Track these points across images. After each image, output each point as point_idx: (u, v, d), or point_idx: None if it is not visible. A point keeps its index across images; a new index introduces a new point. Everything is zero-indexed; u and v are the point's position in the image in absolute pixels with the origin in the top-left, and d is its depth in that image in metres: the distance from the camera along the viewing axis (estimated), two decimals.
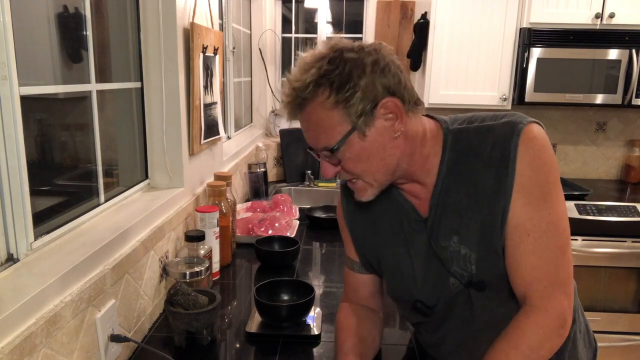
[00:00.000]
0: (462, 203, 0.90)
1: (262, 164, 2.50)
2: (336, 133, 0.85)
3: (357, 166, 0.88)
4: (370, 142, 0.86)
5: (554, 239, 0.86)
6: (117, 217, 1.21)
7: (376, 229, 1.03)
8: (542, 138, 0.86)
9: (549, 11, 2.58)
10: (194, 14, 1.56)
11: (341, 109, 0.83)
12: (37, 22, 1.04)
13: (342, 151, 0.86)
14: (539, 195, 0.85)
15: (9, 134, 0.87)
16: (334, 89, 0.83)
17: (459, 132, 0.92)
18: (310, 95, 0.84)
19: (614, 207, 2.52)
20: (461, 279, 0.93)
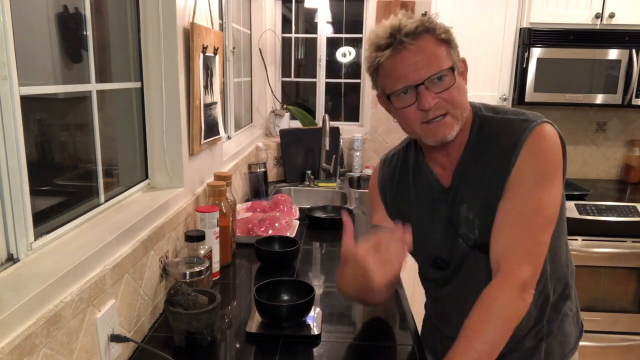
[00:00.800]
0: (474, 178, 1.05)
1: (262, 164, 2.50)
2: (446, 61, 0.99)
3: (458, 96, 1.01)
4: (462, 82, 1.03)
5: (537, 218, 0.97)
6: (117, 217, 1.21)
7: (405, 196, 1.18)
8: (551, 136, 1.00)
9: (549, 11, 2.59)
10: (194, 14, 1.56)
11: (448, 46, 1.01)
12: (37, 22, 1.04)
13: (447, 81, 0.99)
14: (534, 179, 0.98)
15: (9, 134, 0.87)
16: (443, 31, 1.00)
17: (485, 119, 1.07)
18: (430, 26, 0.99)
19: (614, 207, 2.52)
20: (467, 241, 1.07)
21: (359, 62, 3.30)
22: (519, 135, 1.00)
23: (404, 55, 0.98)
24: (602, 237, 2.50)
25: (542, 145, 0.99)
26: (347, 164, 3.18)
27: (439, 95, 0.99)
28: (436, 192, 1.12)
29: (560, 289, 1.14)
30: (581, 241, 2.51)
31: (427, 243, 1.15)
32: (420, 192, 1.15)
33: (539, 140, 0.99)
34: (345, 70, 3.34)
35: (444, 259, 1.14)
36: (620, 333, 2.61)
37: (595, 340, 2.61)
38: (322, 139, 2.81)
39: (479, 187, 1.04)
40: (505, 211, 1.00)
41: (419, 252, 1.18)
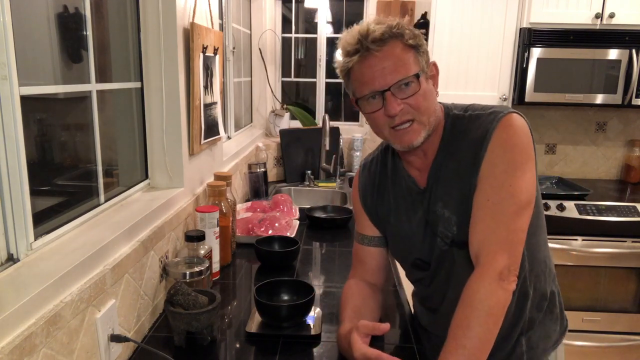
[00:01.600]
0: (448, 175, 1.07)
1: (262, 164, 2.50)
2: (413, 67, 1.00)
3: (424, 102, 1.02)
4: (429, 87, 1.04)
5: (509, 206, 0.98)
6: (117, 217, 1.21)
7: (384, 199, 1.20)
8: (518, 125, 1.01)
9: (549, 11, 2.59)
10: (194, 14, 1.56)
11: (416, 52, 1.01)
12: (37, 22, 1.04)
13: (412, 87, 1.00)
14: (503, 169, 0.99)
15: (9, 134, 0.87)
16: (411, 37, 1.00)
17: (456, 118, 1.08)
18: (398, 32, 0.99)
19: (614, 207, 2.52)
20: (445, 239, 1.09)
21: None
22: (486, 127, 1.02)
23: (370, 61, 1.00)
24: (602, 237, 2.50)
25: (509, 135, 1.00)
26: (347, 164, 3.18)
27: (405, 101, 1.00)
28: (414, 194, 1.14)
29: (540, 286, 1.14)
30: (581, 241, 2.51)
31: (407, 245, 1.18)
32: (398, 195, 1.17)
33: (506, 130, 1.00)
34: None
35: (423, 260, 1.16)
36: (620, 333, 2.61)
37: (595, 340, 2.61)
38: (322, 139, 2.81)
39: (453, 184, 1.06)
40: (479, 204, 1.01)
41: (400, 254, 1.23)
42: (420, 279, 1.23)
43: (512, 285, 0.97)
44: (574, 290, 2.57)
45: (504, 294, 0.96)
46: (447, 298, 1.14)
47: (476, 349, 0.91)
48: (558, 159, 3.13)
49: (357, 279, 1.26)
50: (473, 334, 0.91)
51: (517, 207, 0.99)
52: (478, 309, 0.93)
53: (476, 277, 0.97)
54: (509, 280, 0.96)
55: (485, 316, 0.93)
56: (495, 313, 0.94)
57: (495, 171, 1.00)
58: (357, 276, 1.27)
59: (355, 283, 1.25)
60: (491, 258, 0.97)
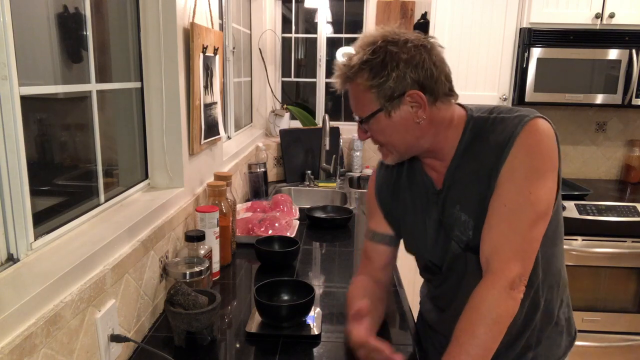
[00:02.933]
0: (467, 178, 1.05)
1: (262, 164, 2.50)
2: (367, 109, 1.03)
3: (381, 137, 1.06)
4: (394, 121, 1.02)
5: (527, 214, 0.96)
6: (117, 217, 1.21)
7: (400, 199, 1.20)
8: (544, 131, 0.97)
9: (549, 11, 2.59)
10: (194, 14, 1.56)
11: (374, 92, 1.00)
12: (37, 22, 1.04)
13: (370, 124, 1.04)
14: (524, 176, 0.96)
15: (9, 134, 0.87)
16: (371, 74, 0.99)
17: (479, 120, 1.06)
18: (353, 76, 1.01)
19: (614, 207, 2.52)
20: (460, 243, 1.06)
21: None
22: (510, 131, 0.98)
23: None
24: (602, 237, 2.50)
25: (534, 140, 0.97)
26: (347, 164, 3.18)
27: None
28: (430, 195, 1.12)
29: (551, 297, 1.11)
30: (581, 241, 2.51)
31: (419, 247, 1.17)
32: (415, 196, 1.16)
33: (531, 135, 0.97)
34: None
35: (434, 263, 1.14)
36: (620, 333, 2.61)
37: (595, 340, 2.61)
38: (322, 139, 2.81)
39: (472, 187, 1.03)
40: (495, 209, 0.98)
41: (414, 254, 1.22)
42: (430, 280, 1.23)
43: (521, 295, 0.96)
44: (574, 290, 2.56)
45: (513, 303, 0.95)
46: (457, 301, 1.12)
47: (479, 356, 0.90)
48: None
49: (364, 276, 1.26)
50: (478, 341, 0.90)
51: (535, 216, 0.96)
52: (485, 316, 0.92)
53: (486, 284, 0.96)
54: (519, 290, 0.95)
55: (492, 324, 0.92)
56: (502, 322, 0.93)
57: (516, 176, 0.97)
58: (365, 273, 1.26)
59: (362, 280, 1.24)
60: (504, 266, 0.95)
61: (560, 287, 1.13)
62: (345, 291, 1.48)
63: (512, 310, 0.95)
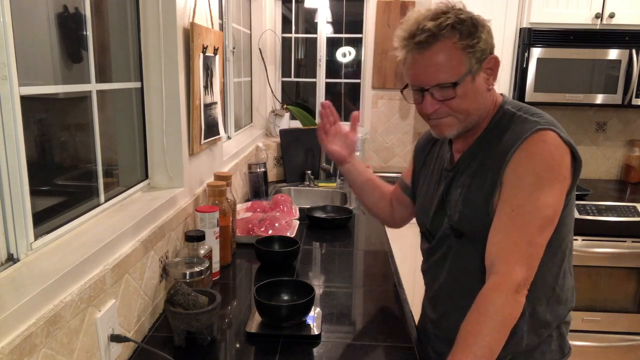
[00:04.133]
0: (473, 166, 1.09)
1: (262, 164, 2.50)
2: (457, 71, 1.00)
3: (463, 104, 1.03)
4: (476, 86, 1.03)
5: (534, 220, 0.96)
6: (117, 217, 1.21)
7: (426, 167, 1.28)
8: (552, 143, 0.98)
9: (549, 11, 2.59)
10: (194, 14, 1.56)
11: (466, 53, 1.00)
12: (37, 22, 1.04)
13: (459, 88, 1.01)
14: (531, 182, 0.97)
15: (9, 134, 0.87)
16: (464, 35, 0.99)
17: (506, 114, 1.08)
18: (446, 34, 0.98)
19: (614, 207, 2.52)
20: (450, 222, 1.12)
21: (359, 61, 3.30)
22: (520, 135, 1.00)
23: (416, 58, 1.03)
24: (602, 237, 2.50)
25: (539, 149, 0.98)
26: None
27: (443, 103, 1.03)
28: (444, 171, 1.18)
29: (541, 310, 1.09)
30: (581, 241, 2.51)
31: (424, 213, 1.23)
32: (436, 168, 1.22)
33: (537, 145, 0.98)
34: (345, 70, 3.34)
35: (430, 232, 1.21)
36: (620, 333, 2.61)
37: (595, 340, 2.61)
38: None
39: (474, 177, 1.08)
40: (502, 213, 1.00)
41: (418, 219, 1.29)
42: (424, 250, 1.28)
43: (524, 299, 0.96)
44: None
45: (518, 306, 0.95)
46: (441, 280, 1.18)
47: (486, 358, 0.89)
48: None
49: None
50: (485, 342, 0.90)
51: (542, 222, 0.97)
52: (492, 318, 0.92)
53: (492, 286, 0.95)
54: (522, 294, 0.95)
55: (499, 326, 0.92)
56: (507, 325, 0.93)
57: (522, 183, 0.98)
58: None
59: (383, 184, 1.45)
60: (510, 269, 0.95)
61: (552, 303, 1.10)
62: (345, 291, 1.48)
63: (516, 314, 0.95)
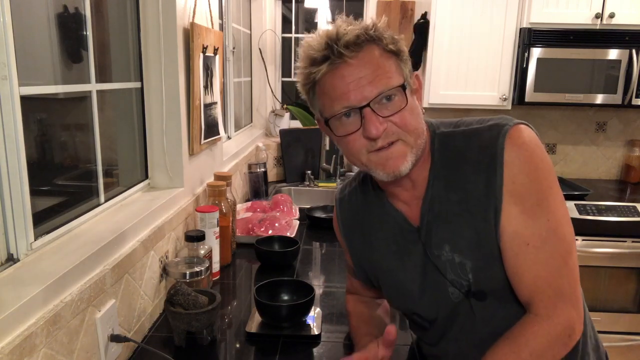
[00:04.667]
0: (453, 211, 0.87)
1: (262, 164, 2.50)
2: (396, 77, 0.82)
3: (412, 120, 0.83)
4: (415, 102, 0.86)
5: (555, 246, 0.83)
6: (117, 217, 1.21)
7: (372, 243, 1.00)
8: (531, 140, 0.83)
9: (549, 11, 2.58)
10: (194, 14, 1.56)
11: (397, 60, 0.84)
12: (37, 22, 1.04)
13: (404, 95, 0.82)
14: (535, 202, 0.82)
15: (9, 134, 0.87)
16: (392, 41, 0.83)
17: (446, 136, 0.90)
18: (375, 34, 0.82)
19: (614, 207, 2.52)
20: (460, 288, 0.89)
21: None
22: (492, 147, 0.83)
23: (343, 70, 0.81)
24: (602, 237, 2.50)
25: (528, 157, 0.82)
26: (347, 164, 3.18)
27: (388, 119, 0.82)
28: (406, 233, 0.94)
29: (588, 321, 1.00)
30: (581, 241, 2.50)
31: (403, 296, 0.98)
32: (388, 235, 0.97)
33: (522, 152, 0.82)
34: None
35: (423, 316, 0.96)
36: (620, 333, 2.61)
37: None
38: (322, 139, 2.81)
39: (462, 222, 0.86)
40: (516, 250, 0.83)
41: (396, 305, 1.05)
42: (422, 337, 1.06)
43: (576, 341, 0.85)
44: None
45: (564, 349, 0.85)
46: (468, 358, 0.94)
47: None
48: (558, 159, 3.12)
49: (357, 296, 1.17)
50: None
51: (565, 245, 0.83)
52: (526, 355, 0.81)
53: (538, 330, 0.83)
54: (575, 336, 0.84)
55: None
56: None
57: (526, 206, 0.82)
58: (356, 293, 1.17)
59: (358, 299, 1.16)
60: (552, 312, 0.83)
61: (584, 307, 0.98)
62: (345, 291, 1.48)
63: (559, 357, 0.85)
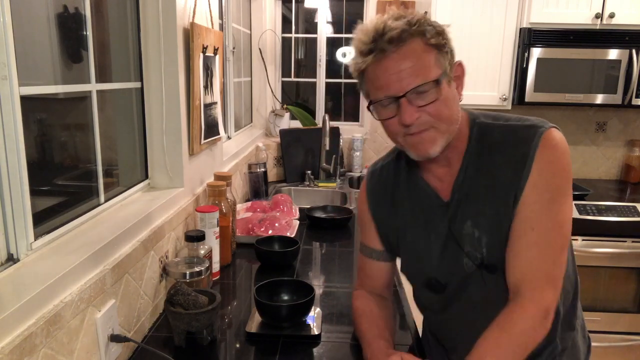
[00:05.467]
0: (480, 192, 0.97)
1: (262, 164, 2.50)
2: (435, 71, 0.90)
3: (445, 109, 0.92)
4: (451, 92, 0.94)
5: (557, 238, 0.92)
6: (117, 217, 1.21)
7: (398, 212, 1.10)
8: (562, 144, 0.93)
9: (549, 11, 2.59)
10: (194, 14, 1.56)
11: (439, 52, 0.90)
12: (37, 22, 1.04)
13: (439, 89, 0.90)
14: (551, 197, 0.91)
15: (9, 134, 0.87)
16: (432, 33, 0.89)
17: (485, 127, 0.99)
18: (418, 29, 0.89)
19: (614, 207, 2.52)
20: (474, 260, 0.99)
21: None
22: (527, 144, 0.93)
23: (386, 63, 0.90)
24: (602, 237, 2.50)
25: (557, 158, 0.92)
26: (347, 164, 3.18)
27: (423, 109, 0.91)
28: (435, 207, 1.03)
29: (568, 303, 1.08)
30: (581, 241, 2.51)
31: (422, 262, 1.08)
32: (416, 208, 1.07)
33: (552, 151, 0.92)
34: (345, 70, 3.34)
35: (439, 280, 1.06)
36: (620, 333, 2.61)
37: (595, 340, 2.59)
38: (322, 139, 2.81)
39: (487, 203, 0.96)
40: (521, 232, 0.93)
41: (412, 272, 1.13)
42: (431, 304, 1.14)
43: (551, 323, 0.93)
44: None
45: (544, 331, 0.92)
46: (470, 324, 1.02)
47: None
48: None
49: (367, 291, 1.19)
50: None
51: (564, 240, 0.93)
52: (515, 342, 0.89)
53: (519, 309, 0.91)
54: (550, 318, 0.92)
55: (520, 350, 0.89)
56: (529, 349, 0.90)
57: (542, 198, 0.91)
58: (366, 289, 1.20)
59: (366, 294, 1.18)
60: (537, 294, 0.91)
61: (577, 293, 1.10)
62: (345, 291, 1.48)
63: (540, 338, 0.92)
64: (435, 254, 1.04)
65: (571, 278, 1.08)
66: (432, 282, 1.07)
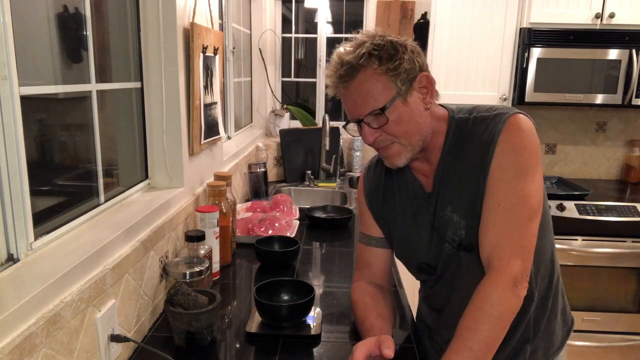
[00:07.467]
0: (456, 179, 1.06)
1: (262, 164, 2.50)
2: (384, 97, 1.00)
3: (399, 128, 1.02)
4: (410, 108, 1.02)
5: (522, 211, 0.98)
6: (117, 217, 1.21)
7: (390, 203, 1.20)
8: (526, 127, 1.00)
9: (549, 11, 2.59)
10: (194, 14, 1.56)
11: (389, 77, 0.99)
12: (37, 22, 1.04)
13: (389, 112, 1.00)
14: (514, 173, 0.98)
15: (9, 134, 0.87)
16: (384, 59, 0.98)
17: (461, 121, 1.07)
18: (364, 63, 0.99)
19: (614, 207, 2.52)
20: (453, 243, 1.08)
21: None
22: (493, 129, 1.01)
23: (345, 92, 1.03)
24: (602, 237, 2.50)
25: (519, 138, 0.99)
26: (347, 164, 3.18)
27: (380, 130, 1.03)
28: (420, 198, 1.13)
29: (544, 287, 1.13)
30: (581, 241, 2.51)
31: (413, 249, 1.17)
32: (404, 199, 1.17)
33: (515, 133, 0.99)
34: None
35: (429, 264, 1.15)
36: (620, 333, 2.61)
37: (595, 340, 2.61)
38: (322, 139, 2.81)
39: (462, 188, 1.05)
40: (489, 208, 1.00)
41: (406, 257, 1.22)
42: (424, 281, 1.24)
43: (524, 292, 0.97)
44: (574, 290, 2.57)
45: (516, 300, 0.96)
46: (452, 300, 1.14)
47: (482, 353, 0.91)
48: (558, 159, 3.13)
49: (366, 282, 1.24)
50: (481, 337, 0.92)
51: (529, 212, 0.98)
52: (489, 313, 0.93)
53: (489, 282, 0.97)
54: (522, 287, 0.97)
55: (496, 321, 0.93)
56: (505, 319, 0.95)
57: (506, 176, 0.99)
58: (364, 279, 1.25)
59: (364, 285, 1.23)
60: (505, 264, 0.96)
61: (554, 278, 1.15)
62: (345, 291, 1.48)
63: (515, 307, 0.97)
64: (423, 241, 1.14)
65: (547, 263, 1.12)
66: (423, 266, 1.17)
